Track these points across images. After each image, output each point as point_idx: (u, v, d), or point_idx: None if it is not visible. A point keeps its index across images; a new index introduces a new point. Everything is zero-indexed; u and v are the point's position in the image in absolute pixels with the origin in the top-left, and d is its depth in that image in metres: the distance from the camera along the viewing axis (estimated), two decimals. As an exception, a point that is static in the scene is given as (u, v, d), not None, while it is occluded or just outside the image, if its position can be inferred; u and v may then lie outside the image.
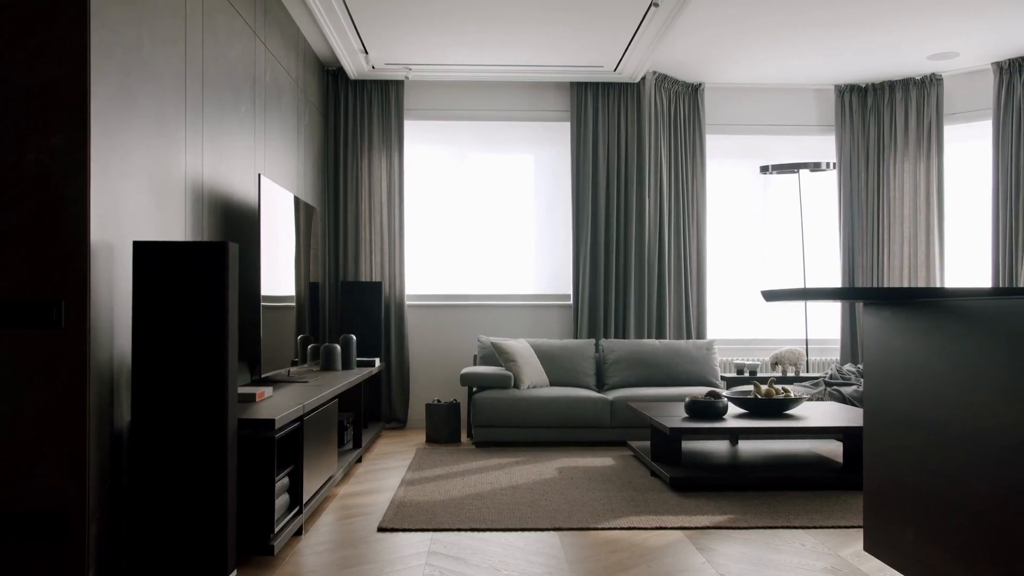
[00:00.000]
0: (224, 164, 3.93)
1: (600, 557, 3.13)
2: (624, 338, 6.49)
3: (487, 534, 3.44)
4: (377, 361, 5.79)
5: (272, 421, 2.94)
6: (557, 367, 6.06)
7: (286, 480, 3.30)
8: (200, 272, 2.71)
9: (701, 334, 6.65)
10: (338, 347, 5.29)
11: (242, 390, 3.44)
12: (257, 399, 3.42)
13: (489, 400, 5.55)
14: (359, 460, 5.07)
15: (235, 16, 4.05)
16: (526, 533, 3.46)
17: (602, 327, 6.48)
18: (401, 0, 4.85)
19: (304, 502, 3.44)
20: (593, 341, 6.26)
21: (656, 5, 4.80)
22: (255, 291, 3.94)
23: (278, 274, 4.28)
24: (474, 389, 5.76)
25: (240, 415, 2.99)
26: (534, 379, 5.81)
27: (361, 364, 5.64)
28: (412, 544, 3.30)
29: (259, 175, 3.86)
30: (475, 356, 6.27)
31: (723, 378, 6.27)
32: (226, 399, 2.71)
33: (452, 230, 6.70)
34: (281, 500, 3.19)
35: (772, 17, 5.26)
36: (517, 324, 6.62)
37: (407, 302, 6.53)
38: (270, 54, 4.70)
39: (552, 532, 3.47)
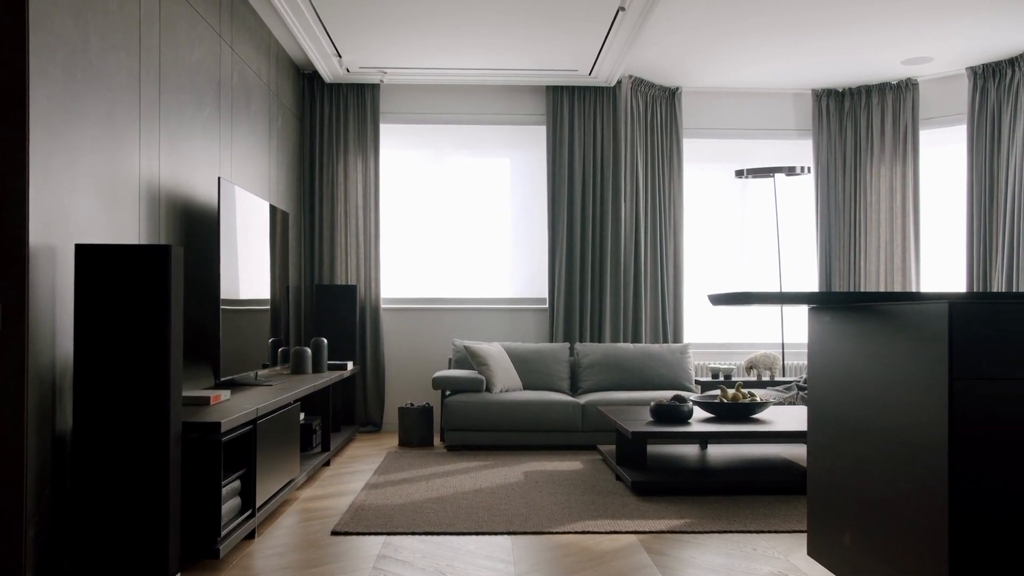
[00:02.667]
0: (185, 167, 3.93)
1: (549, 560, 3.13)
2: (600, 342, 6.49)
3: (440, 538, 3.43)
4: (350, 364, 5.78)
5: (218, 424, 2.93)
6: (531, 371, 6.06)
7: (237, 483, 3.29)
8: (143, 275, 2.72)
9: (678, 338, 6.65)
10: (308, 350, 5.29)
11: (197, 393, 3.44)
12: (212, 402, 3.41)
13: (461, 404, 5.54)
14: (327, 463, 5.06)
15: (197, 19, 4.05)
16: (480, 537, 3.45)
17: (578, 331, 6.48)
18: (373, 4, 4.86)
19: (257, 505, 3.43)
20: (568, 345, 6.26)
21: (623, 9, 4.81)
22: (214, 294, 3.94)
23: (244, 277, 4.28)
24: (447, 392, 5.76)
25: (189, 418, 2.99)
26: (507, 383, 5.81)
27: (333, 367, 5.64)
28: (364, 547, 3.29)
29: (219, 178, 3.86)
30: (450, 359, 6.27)
31: (698, 382, 6.27)
32: (168, 403, 2.71)
33: (428, 233, 6.70)
34: (231, 504, 3.19)
35: (746, 21, 5.27)
36: (493, 328, 6.62)
37: (383, 305, 6.53)
38: (237, 57, 4.71)
39: (505, 536, 3.47)
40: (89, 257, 2.71)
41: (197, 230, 4.10)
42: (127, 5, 3.28)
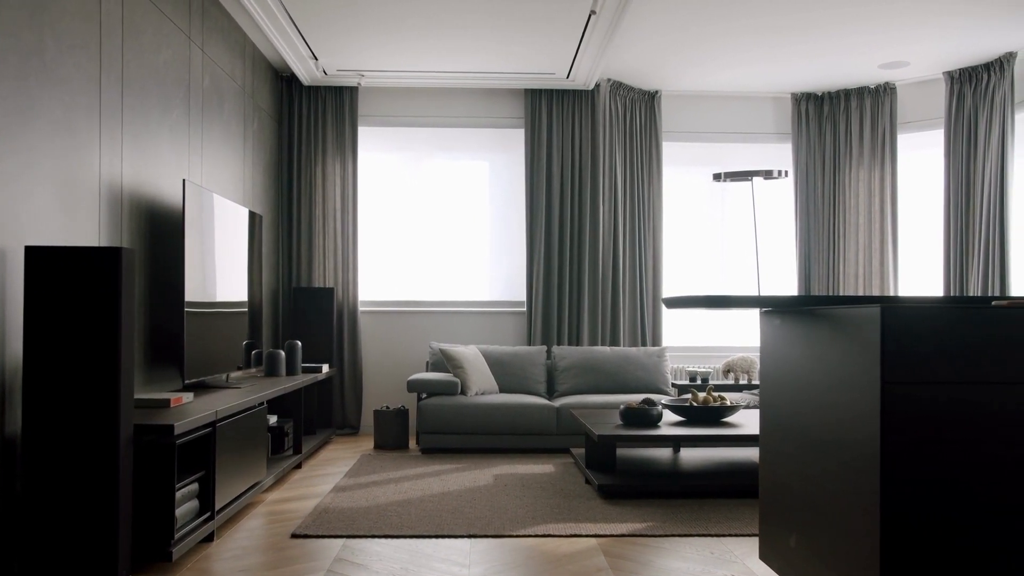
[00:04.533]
0: (151, 170, 3.93)
1: (505, 563, 3.12)
2: (578, 345, 6.49)
3: (399, 541, 3.43)
4: (325, 367, 5.78)
5: (171, 427, 2.93)
6: (507, 374, 6.06)
7: (195, 486, 3.29)
8: (94, 277, 2.71)
9: (656, 341, 6.65)
10: (282, 353, 5.29)
11: (157, 395, 3.43)
12: (172, 404, 3.40)
13: (435, 406, 5.54)
14: (298, 466, 5.06)
15: (164, 21, 4.05)
16: (439, 540, 3.45)
17: (555, 334, 6.48)
18: (347, 7, 4.86)
19: (217, 508, 3.42)
20: (544, 348, 6.26)
21: (594, 13, 4.82)
22: (179, 297, 3.94)
23: (214, 280, 4.28)
24: (422, 395, 5.75)
25: (145, 421, 2.99)
26: (482, 385, 5.81)
27: (308, 370, 5.64)
28: (322, 550, 3.29)
29: (183, 180, 3.85)
30: (427, 362, 6.26)
31: (675, 385, 6.27)
32: (118, 405, 2.71)
33: (407, 236, 6.70)
34: (187, 506, 3.18)
35: (723, 25, 5.27)
36: (471, 330, 6.62)
37: (361, 308, 6.52)
38: (209, 59, 4.70)
39: (465, 539, 3.46)
40: (39, 259, 2.71)
41: (164, 233, 4.09)
42: (87, 6, 3.28)
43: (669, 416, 4.89)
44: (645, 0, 4.83)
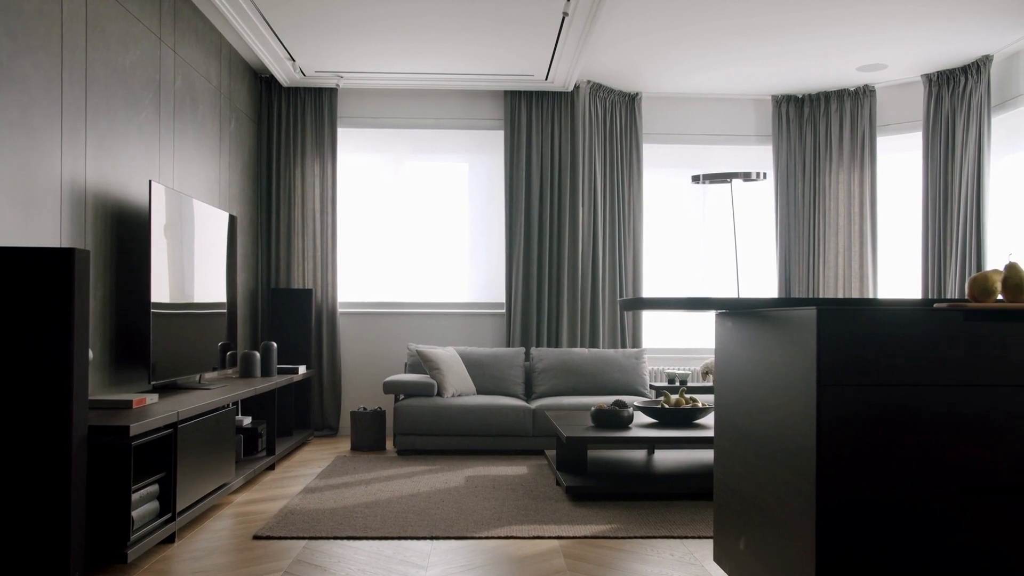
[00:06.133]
0: (118, 171, 3.92)
1: (463, 565, 3.12)
2: (557, 347, 6.49)
3: (361, 542, 3.42)
4: (302, 368, 5.77)
5: (127, 428, 2.92)
6: (486, 375, 6.05)
7: (155, 487, 3.28)
8: (45, 278, 2.70)
9: (636, 343, 6.65)
10: (257, 354, 5.28)
11: (119, 396, 3.43)
12: (134, 406, 3.40)
13: (411, 408, 5.53)
14: (271, 467, 5.05)
15: (132, 21, 4.04)
16: (401, 541, 3.44)
17: (535, 336, 6.48)
18: (323, 9, 4.85)
19: (179, 510, 3.42)
20: (523, 349, 6.26)
21: (567, 15, 4.82)
22: (145, 298, 3.93)
23: (184, 281, 4.27)
24: (400, 397, 5.75)
25: (103, 422, 2.98)
26: (459, 387, 5.80)
27: (283, 371, 5.63)
28: (282, 552, 3.28)
29: (149, 181, 3.85)
30: (405, 364, 6.26)
31: (652, 387, 6.26)
32: (71, 407, 2.70)
33: (386, 238, 6.69)
34: (145, 508, 3.17)
35: (699, 26, 5.27)
36: (450, 332, 6.62)
37: (340, 309, 6.52)
38: (181, 60, 4.70)
39: (427, 541, 3.46)
40: (-9, 260, 2.70)
41: (133, 234, 4.09)
42: (47, 6, 3.27)
43: (641, 418, 4.89)
44: (618, 2, 4.83)
